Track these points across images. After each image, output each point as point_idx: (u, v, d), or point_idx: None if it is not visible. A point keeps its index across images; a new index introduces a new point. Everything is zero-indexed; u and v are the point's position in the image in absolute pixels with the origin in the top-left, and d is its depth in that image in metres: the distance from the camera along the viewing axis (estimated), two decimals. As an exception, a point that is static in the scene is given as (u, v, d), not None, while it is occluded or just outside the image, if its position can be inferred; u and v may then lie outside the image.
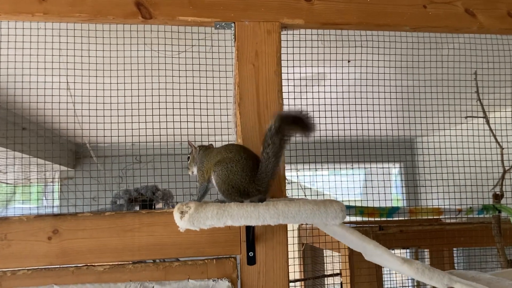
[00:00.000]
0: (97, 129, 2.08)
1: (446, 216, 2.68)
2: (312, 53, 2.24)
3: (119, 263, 1.76)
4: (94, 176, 2.70)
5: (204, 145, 1.78)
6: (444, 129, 3.28)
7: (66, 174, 5.32)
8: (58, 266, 1.71)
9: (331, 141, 2.67)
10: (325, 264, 4.01)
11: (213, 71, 2.10)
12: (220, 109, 2.11)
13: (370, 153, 2.99)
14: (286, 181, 1.92)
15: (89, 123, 2.08)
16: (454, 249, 3.73)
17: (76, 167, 5.57)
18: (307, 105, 2.45)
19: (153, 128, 2.07)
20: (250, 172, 1.56)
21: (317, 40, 2.19)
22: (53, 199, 4.97)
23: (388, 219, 3.10)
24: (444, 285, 1.46)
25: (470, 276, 1.70)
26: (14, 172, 4.24)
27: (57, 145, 4.45)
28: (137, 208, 2.18)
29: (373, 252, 1.54)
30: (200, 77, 2.08)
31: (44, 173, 4.75)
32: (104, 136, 2.07)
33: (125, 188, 2.12)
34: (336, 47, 2.28)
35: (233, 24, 1.95)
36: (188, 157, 1.79)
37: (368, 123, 2.65)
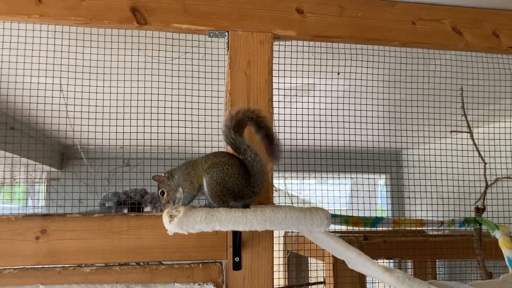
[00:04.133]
0: (88, 131, 2.09)
1: (428, 228, 2.73)
2: (303, 64, 2.28)
3: (106, 264, 1.77)
4: (82, 178, 2.70)
5: (172, 170, 1.70)
6: (429, 143, 3.35)
7: (52, 175, 5.29)
8: (45, 266, 1.72)
9: (319, 151, 2.71)
10: (309, 271, 4.05)
11: (205, 78, 2.14)
12: (212, 115, 2.14)
13: (357, 164, 3.03)
14: (274, 189, 1.96)
15: (81, 125, 2.10)
16: (437, 260, 3.78)
17: (62, 168, 5.54)
18: (296, 114, 2.49)
19: (144, 132, 2.10)
20: (245, 175, 1.60)
21: (308, 52, 2.23)
22: (39, 199, 4.94)
23: (372, 229, 3.14)
24: (424, 294, 1.50)
25: (450, 286, 1.74)
26: (2, 169, 4.22)
27: (45, 145, 4.43)
28: (126, 210, 2.20)
29: (355, 260, 1.58)
30: (192, 83, 2.11)
31: (34, 173, 4.72)
32: (95, 139, 2.08)
33: (114, 191, 2.14)
34: (327, 59, 2.33)
35: (226, 33, 1.99)
36: (162, 192, 1.66)
37: (355, 134, 2.69)
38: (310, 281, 4.10)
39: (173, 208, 1.38)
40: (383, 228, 2.29)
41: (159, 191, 1.67)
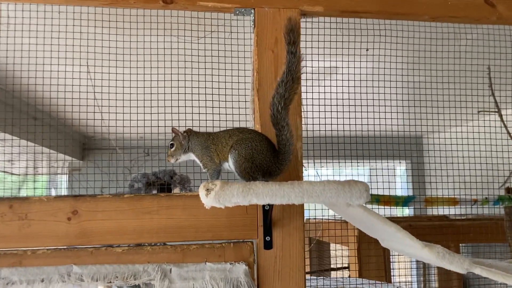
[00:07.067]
0: (116, 119, 2.08)
1: (461, 207, 2.68)
2: (330, 41, 2.23)
3: (137, 244, 1.77)
4: (104, 161, 2.70)
5: (193, 131, 1.74)
6: (456, 125, 3.28)
7: (75, 164, 5.35)
8: (77, 246, 1.73)
9: (337, 137, 2.65)
10: (331, 251, 4.03)
11: (232, 57, 2.10)
12: (239, 95, 2.11)
13: (377, 150, 2.96)
14: (304, 168, 1.93)
15: (109, 106, 2.08)
16: (461, 244, 3.74)
17: (84, 158, 5.60)
18: (318, 99, 2.43)
19: (171, 113, 2.08)
20: (272, 152, 1.58)
21: (336, 28, 2.19)
22: (61, 188, 4.99)
23: (398, 215, 3.10)
24: (464, 269, 1.47)
25: (488, 263, 1.70)
26: (25, 159, 4.26)
27: (67, 136, 4.46)
28: (155, 191, 2.19)
29: (393, 236, 1.54)
30: (219, 63, 2.08)
31: (56, 163, 4.77)
32: (124, 120, 2.07)
33: (143, 172, 2.14)
34: (355, 35, 2.28)
35: (252, 11, 1.95)
36: (172, 144, 1.72)
37: (378, 117, 2.64)
38: (331, 267, 4.09)
39: (209, 182, 1.37)
40: (415, 207, 2.26)
41: (170, 143, 1.72)
